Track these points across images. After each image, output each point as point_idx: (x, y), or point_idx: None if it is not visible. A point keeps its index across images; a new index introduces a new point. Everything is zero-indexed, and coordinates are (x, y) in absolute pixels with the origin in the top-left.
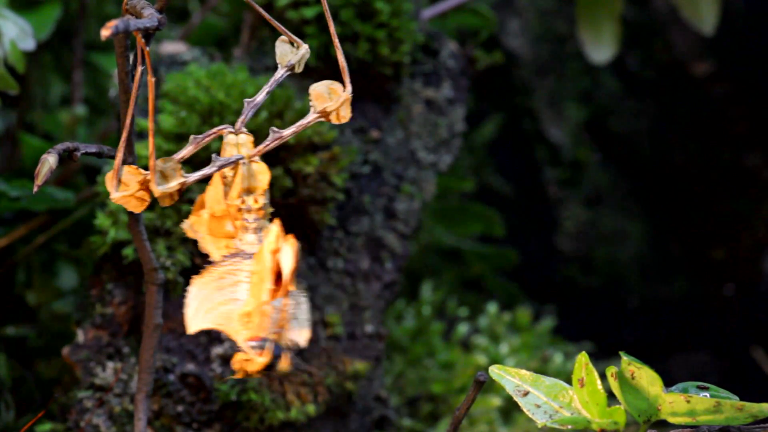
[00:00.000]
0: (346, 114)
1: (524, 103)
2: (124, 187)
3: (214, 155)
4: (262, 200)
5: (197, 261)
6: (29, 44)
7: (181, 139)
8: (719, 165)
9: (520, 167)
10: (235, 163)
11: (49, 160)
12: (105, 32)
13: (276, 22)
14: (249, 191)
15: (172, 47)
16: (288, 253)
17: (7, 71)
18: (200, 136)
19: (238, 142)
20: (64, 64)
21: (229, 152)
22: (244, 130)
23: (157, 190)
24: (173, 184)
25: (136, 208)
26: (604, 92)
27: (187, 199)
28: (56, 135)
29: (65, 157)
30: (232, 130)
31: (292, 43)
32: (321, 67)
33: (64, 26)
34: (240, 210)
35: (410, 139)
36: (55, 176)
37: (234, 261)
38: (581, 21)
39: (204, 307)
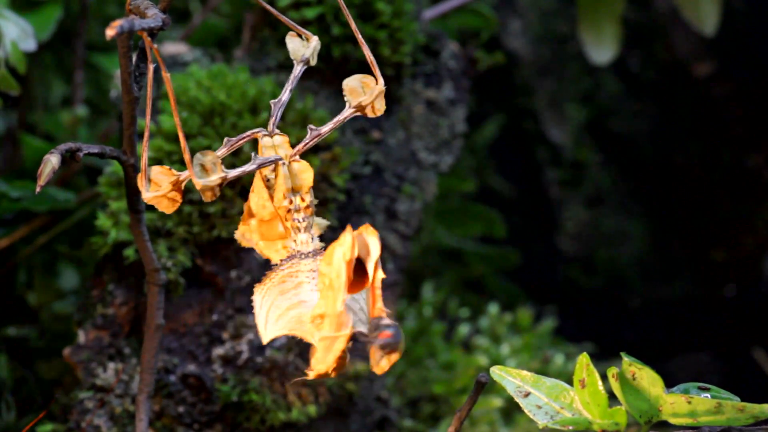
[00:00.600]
0: (381, 106)
1: (525, 104)
2: (156, 187)
3: (254, 153)
4: (309, 198)
5: (198, 262)
6: (30, 45)
7: None
8: (720, 166)
9: (521, 168)
10: (274, 164)
11: (52, 161)
12: (110, 32)
13: (284, 17)
14: (294, 191)
15: (174, 48)
16: (375, 246)
17: (8, 72)
18: (234, 138)
19: (274, 144)
20: (65, 64)
21: (266, 154)
22: (278, 131)
23: (199, 182)
24: (215, 178)
25: (168, 208)
26: (605, 93)
27: (187, 200)
28: (57, 136)
29: (67, 158)
30: (266, 132)
31: (301, 37)
32: (322, 68)
33: (65, 27)
34: (289, 211)
35: (411, 139)
36: (56, 177)
37: (292, 263)
38: (582, 22)
39: (273, 314)
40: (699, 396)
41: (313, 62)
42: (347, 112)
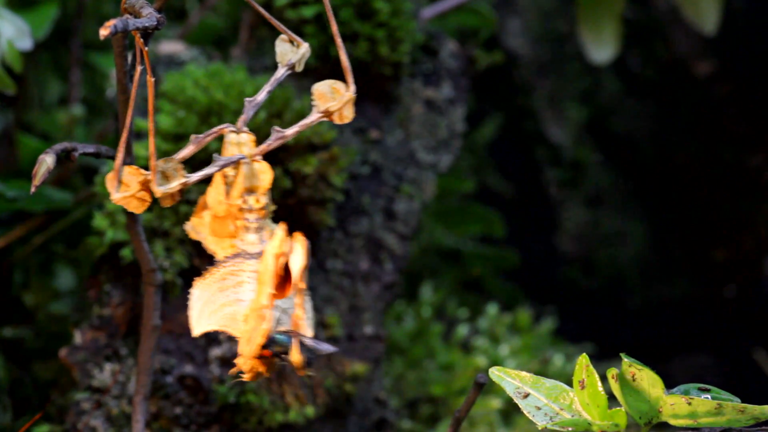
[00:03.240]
0: (348, 114)
1: (525, 103)
2: (125, 188)
3: (215, 155)
4: (264, 200)
5: (195, 262)
6: (27, 44)
7: (179, 139)
8: (720, 165)
9: (520, 168)
10: (236, 163)
11: (47, 161)
12: (104, 31)
13: (276, 21)
14: (250, 191)
15: (171, 47)
16: (299, 252)
17: (4, 71)
18: (201, 135)
19: (239, 142)
20: (61, 63)
21: (230, 151)
22: (246, 129)
23: (158, 190)
24: (174, 185)
25: (137, 208)
26: (604, 92)
27: (185, 199)
28: (54, 135)
29: (63, 158)
30: (234, 129)
31: (292, 42)
32: (320, 67)
33: (61, 26)
34: (241, 210)
35: (410, 139)
36: (53, 177)
37: (236, 261)
38: (582, 21)
39: (208, 308)
40: (699, 397)
41: (299, 69)
42: (313, 117)
